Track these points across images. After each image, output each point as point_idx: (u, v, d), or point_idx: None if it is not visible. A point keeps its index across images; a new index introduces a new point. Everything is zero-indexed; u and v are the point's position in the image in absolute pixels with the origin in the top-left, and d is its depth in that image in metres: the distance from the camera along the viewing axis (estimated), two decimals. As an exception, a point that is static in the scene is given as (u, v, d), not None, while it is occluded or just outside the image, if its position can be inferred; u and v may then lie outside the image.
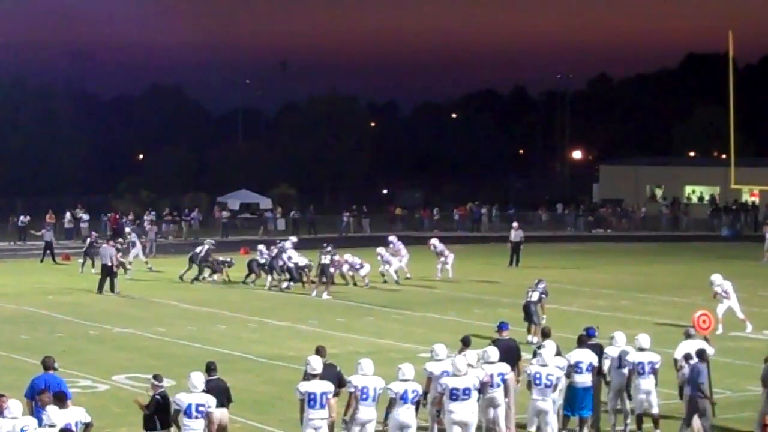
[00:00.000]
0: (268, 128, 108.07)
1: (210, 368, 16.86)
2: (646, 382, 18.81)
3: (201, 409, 15.79)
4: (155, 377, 16.39)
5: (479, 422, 17.90)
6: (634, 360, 18.84)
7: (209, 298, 36.94)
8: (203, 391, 16.07)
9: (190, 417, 15.75)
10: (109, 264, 38.02)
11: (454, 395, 16.96)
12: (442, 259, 42.03)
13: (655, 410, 18.92)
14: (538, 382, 17.82)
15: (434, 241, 43.04)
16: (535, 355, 18.67)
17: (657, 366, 18.92)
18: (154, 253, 50.55)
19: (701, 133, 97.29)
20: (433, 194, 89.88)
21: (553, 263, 48.64)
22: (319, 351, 17.58)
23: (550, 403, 17.91)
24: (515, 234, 46.97)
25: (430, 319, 32.20)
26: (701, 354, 18.64)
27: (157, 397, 16.03)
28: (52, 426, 14.50)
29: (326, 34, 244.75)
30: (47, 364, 17.03)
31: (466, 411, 17.02)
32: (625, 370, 18.98)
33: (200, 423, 15.81)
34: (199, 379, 16.04)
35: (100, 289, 37.70)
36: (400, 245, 41.84)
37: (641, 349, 18.93)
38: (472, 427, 17.15)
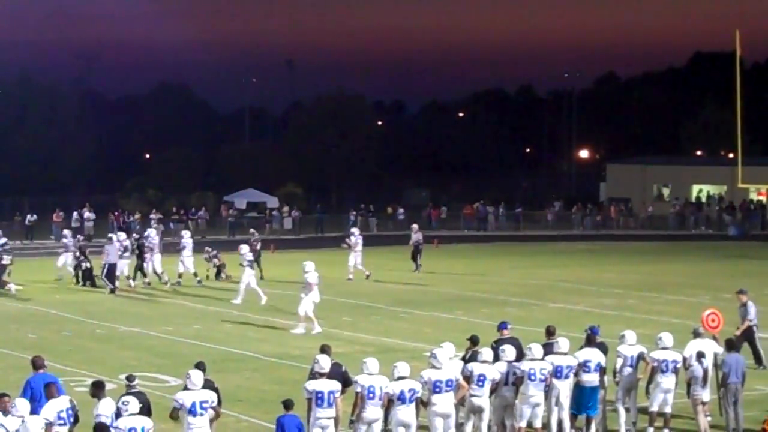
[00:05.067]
0: (275, 127, 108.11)
1: (200, 368, 16.58)
2: (668, 381, 18.82)
3: (205, 405, 15.78)
4: (127, 378, 16.34)
5: (489, 422, 17.87)
6: (658, 357, 18.82)
7: (215, 296, 36.94)
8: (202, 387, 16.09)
9: (195, 415, 15.70)
10: (113, 262, 38.03)
11: (437, 388, 16.95)
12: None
13: (668, 409, 18.94)
14: (533, 377, 17.83)
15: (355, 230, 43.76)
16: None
17: (678, 366, 18.94)
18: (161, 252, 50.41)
19: (708, 132, 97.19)
20: (440, 193, 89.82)
21: (559, 262, 48.62)
22: (325, 350, 17.57)
23: (542, 396, 17.99)
24: (414, 237, 45.14)
25: (437, 318, 32.17)
26: None
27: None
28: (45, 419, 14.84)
29: (333, 33, 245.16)
30: (37, 364, 17.27)
31: (448, 403, 17.02)
32: (633, 369, 18.93)
33: (205, 419, 15.79)
34: (198, 376, 16.00)
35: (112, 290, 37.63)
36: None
37: (664, 348, 18.93)
38: (452, 419, 17.14)
